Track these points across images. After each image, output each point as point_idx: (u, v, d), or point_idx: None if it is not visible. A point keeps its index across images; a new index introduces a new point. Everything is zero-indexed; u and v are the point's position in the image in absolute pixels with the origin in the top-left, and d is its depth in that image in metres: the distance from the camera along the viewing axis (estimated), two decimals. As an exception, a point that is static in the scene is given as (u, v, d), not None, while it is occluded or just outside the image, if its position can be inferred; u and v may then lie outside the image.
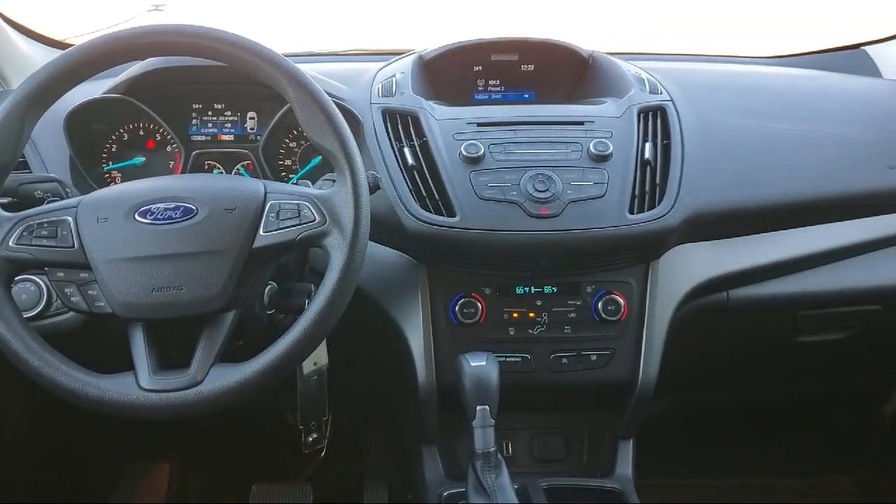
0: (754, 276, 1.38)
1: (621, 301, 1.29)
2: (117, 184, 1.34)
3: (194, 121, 1.44)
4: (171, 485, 1.91)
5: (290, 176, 1.43)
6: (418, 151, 1.27)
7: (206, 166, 1.42)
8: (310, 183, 1.22)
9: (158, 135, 1.42)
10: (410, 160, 1.26)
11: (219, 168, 1.43)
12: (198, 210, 1.01)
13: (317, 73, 1.29)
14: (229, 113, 1.44)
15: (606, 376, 1.32)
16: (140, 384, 0.97)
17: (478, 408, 1.12)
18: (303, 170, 1.42)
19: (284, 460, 1.93)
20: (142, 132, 1.42)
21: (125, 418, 0.98)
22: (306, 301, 1.11)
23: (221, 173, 1.42)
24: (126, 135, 1.42)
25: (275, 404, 1.64)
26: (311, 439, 1.36)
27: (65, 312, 1.19)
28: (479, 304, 1.28)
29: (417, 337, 1.28)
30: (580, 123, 1.32)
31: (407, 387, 1.33)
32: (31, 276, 1.19)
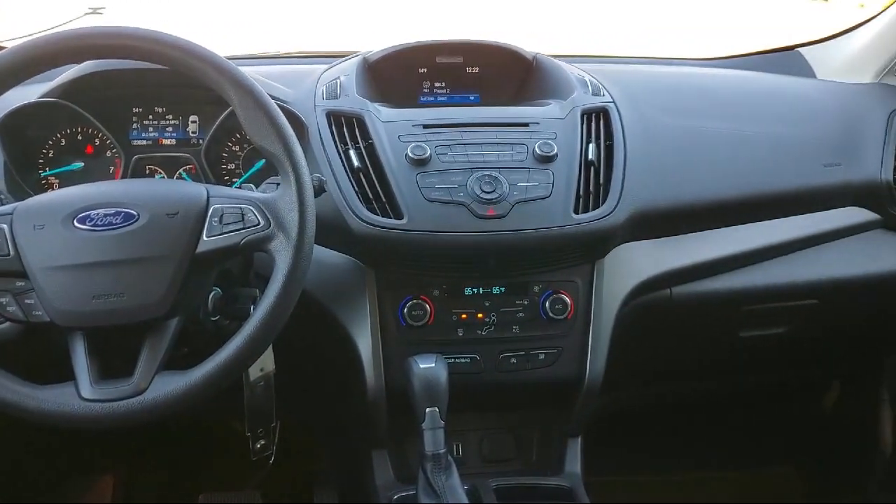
0: (696, 273, 1.41)
1: (568, 300, 1.30)
2: (55, 190, 1.31)
3: (134, 125, 1.41)
4: (115, 497, 1.87)
5: (234, 180, 1.41)
6: (364, 153, 1.27)
7: (148, 171, 1.40)
8: (253, 187, 1.21)
9: (97, 139, 1.39)
10: (356, 162, 1.26)
11: (160, 173, 1.40)
12: (139, 215, 0.99)
13: (259, 75, 1.28)
14: (171, 117, 1.42)
15: (554, 374, 1.33)
16: (81, 394, 0.95)
17: (427, 410, 1.12)
18: (246, 174, 1.40)
19: (232, 468, 1.91)
20: (80, 137, 1.39)
21: (66, 430, 0.95)
22: (251, 306, 1.10)
23: (163, 178, 1.39)
24: (63, 140, 1.38)
25: (221, 411, 1.61)
26: (258, 446, 1.35)
27: (0, 323, 1.15)
28: (427, 306, 1.28)
29: (365, 340, 1.28)
30: (525, 125, 1.33)
31: (355, 391, 1.32)
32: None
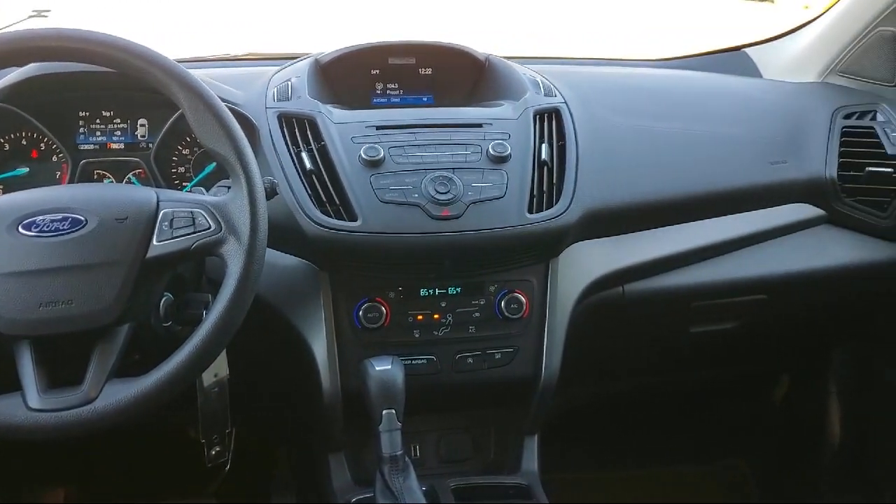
0: (647, 270, 1.43)
1: (523, 299, 1.31)
2: None
3: (81, 129, 1.38)
4: (68, 509, 1.83)
5: (185, 184, 1.39)
6: (316, 155, 1.26)
7: (96, 176, 1.37)
8: (204, 190, 1.19)
9: (43, 144, 1.36)
10: (308, 164, 1.25)
11: (109, 177, 1.37)
12: (87, 221, 0.98)
13: (209, 78, 1.27)
14: (119, 120, 1.39)
15: (511, 373, 1.34)
16: (28, 404, 0.93)
17: (384, 412, 1.12)
18: (197, 177, 1.38)
19: (188, 476, 1.88)
20: (24, 141, 1.36)
21: (13, 441, 0.93)
22: (204, 312, 1.09)
23: (112, 182, 1.37)
24: (7, 144, 1.35)
25: (175, 419, 1.59)
26: (213, 453, 1.33)
27: None
28: (383, 308, 1.28)
29: (321, 344, 1.27)
30: (479, 126, 1.33)
31: (311, 395, 1.31)
32: None
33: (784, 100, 1.64)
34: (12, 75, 1.31)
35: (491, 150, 1.28)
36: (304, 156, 1.26)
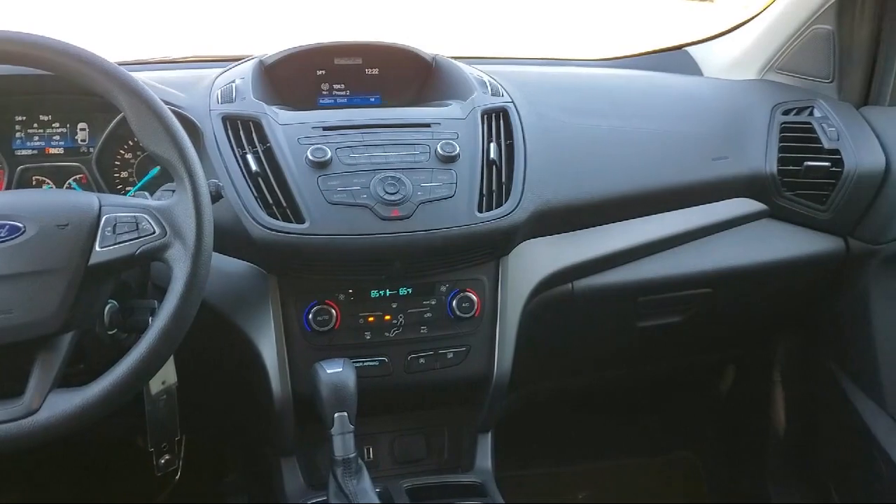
0: (595, 266, 1.45)
1: (475, 298, 1.32)
2: None
3: (18, 134, 1.34)
4: (13, 524, 1.79)
5: (128, 189, 1.36)
6: (262, 157, 1.24)
7: (35, 182, 1.34)
8: (148, 195, 1.17)
9: None
10: (254, 167, 1.23)
11: (49, 183, 1.34)
12: (25, 228, 0.95)
13: (152, 80, 1.24)
14: (57, 125, 1.36)
15: (463, 372, 1.34)
16: None
17: (336, 415, 1.12)
18: (140, 182, 1.36)
19: (138, 486, 1.85)
20: None
21: None
22: (150, 318, 1.07)
23: (52, 188, 1.34)
24: None
25: (122, 428, 1.56)
26: (163, 461, 1.31)
27: None
28: (333, 311, 1.27)
29: (270, 349, 1.26)
30: (427, 125, 1.33)
31: (262, 399, 1.30)
32: None
33: (725, 97, 1.67)
34: None
35: (440, 149, 1.28)
36: (250, 158, 1.24)
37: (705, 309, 1.60)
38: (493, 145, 1.33)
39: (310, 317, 1.26)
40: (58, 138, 1.35)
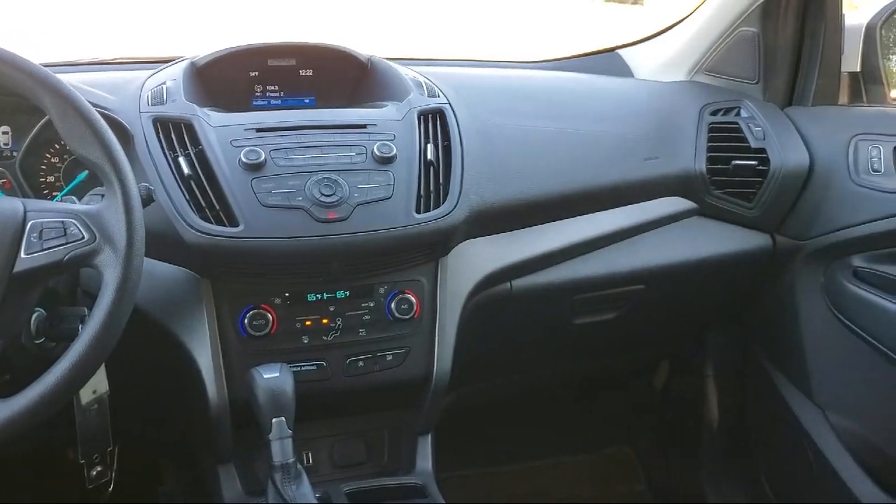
0: (532, 265, 1.46)
1: (414, 299, 1.32)
2: None
3: None
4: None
5: (55, 193, 1.32)
6: (194, 160, 1.22)
7: None
8: (76, 199, 1.14)
9: None
10: (186, 170, 1.21)
11: None
12: None
13: (79, 82, 1.21)
14: None
15: (403, 374, 1.34)
16: None
17: (273, 420, 1.10)
18: (68, 186, 1.32)
19: (68, 499, 1.79)
20: None
21: None
22: (79, 326, 1.04)
23: None
24: None
25: (52, 439, 1.52)
26: (95, 473, 1.27)
27: None
28: (269, 315, 1.26)
29: (205, 355, 1.24)
30: (363, 126, 1.32)
31: (197, 406, 1.28)
32: None
33: (655, 98, 1.71)
34: None
35: (376, 150, 1.28)
36: (182, 161, 1.22)
37: (639, 305, 1.63)
38: (430, 146, 1.33)
39: (245, 321, 1.24)
40: None
